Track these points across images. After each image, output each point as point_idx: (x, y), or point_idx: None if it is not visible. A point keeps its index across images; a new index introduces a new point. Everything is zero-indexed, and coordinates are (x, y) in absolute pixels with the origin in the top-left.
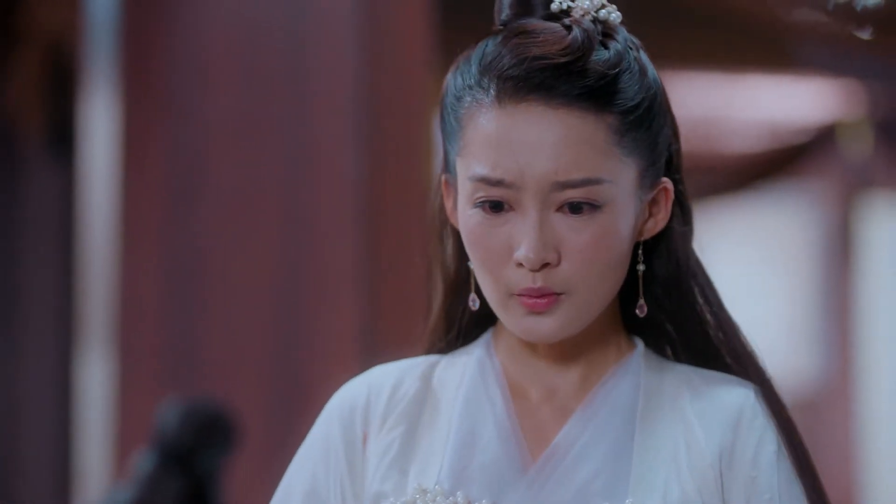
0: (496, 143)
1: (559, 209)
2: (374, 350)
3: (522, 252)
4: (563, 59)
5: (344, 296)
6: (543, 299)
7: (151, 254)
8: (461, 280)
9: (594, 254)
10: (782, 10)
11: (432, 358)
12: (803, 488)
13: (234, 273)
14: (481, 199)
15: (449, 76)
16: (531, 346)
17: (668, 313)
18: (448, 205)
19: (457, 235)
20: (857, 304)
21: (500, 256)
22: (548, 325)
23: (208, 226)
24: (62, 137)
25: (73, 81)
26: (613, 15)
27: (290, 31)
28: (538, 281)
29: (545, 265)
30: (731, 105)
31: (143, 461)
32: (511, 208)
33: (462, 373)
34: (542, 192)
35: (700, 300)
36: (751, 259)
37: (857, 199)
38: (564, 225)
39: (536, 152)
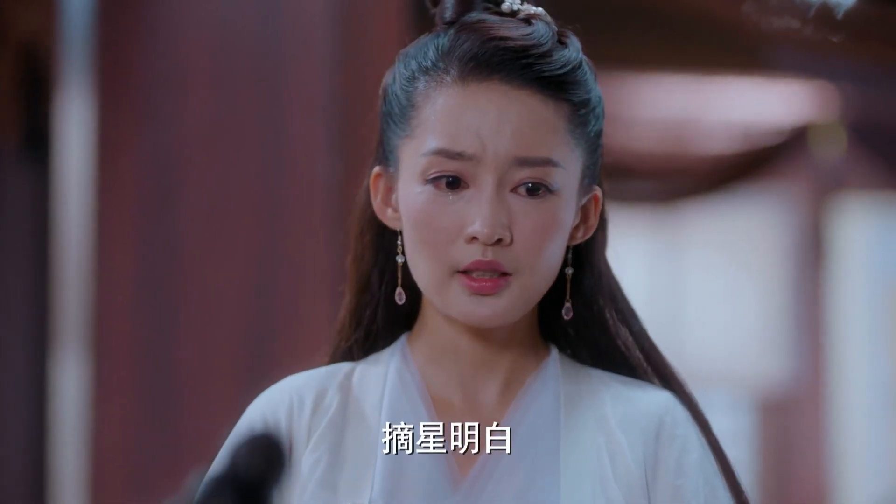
0: (458, 117)
1: (514, 189)
2: None
3: (478, 226)
4: (528, 43)
5: (319, 299)
6: (490, 282)
7: (127, 258)
8: (373, 279)
9: (543, 238)
10: (755, 14)
11: (345, 366)
12: (729, 495)
13: (210, 276)
14: (436, 174)
15: (394, 69)
16: (453, 351)
17: (578, 321)
18: (376, 201)
19: (375, 232)
20: (828, 306)
21: (449, 234)
22: (491, 307)
23: (184, 230)
24: (37, 142)
25: (47, 86)
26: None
27: (266, 36)
28: (489, 255)
29: (498, 241)
30: (704, 107)
31: (195, 482)
32: (466, 185)
33: (382, 384)
34: (500, 169)
35: (611, 310)
36: (723, 261)
37: (829, 202)
38: (518, 206)
39: (499, 128)
